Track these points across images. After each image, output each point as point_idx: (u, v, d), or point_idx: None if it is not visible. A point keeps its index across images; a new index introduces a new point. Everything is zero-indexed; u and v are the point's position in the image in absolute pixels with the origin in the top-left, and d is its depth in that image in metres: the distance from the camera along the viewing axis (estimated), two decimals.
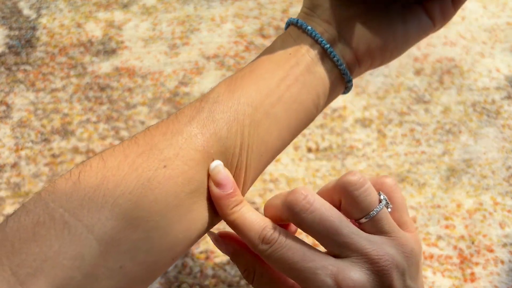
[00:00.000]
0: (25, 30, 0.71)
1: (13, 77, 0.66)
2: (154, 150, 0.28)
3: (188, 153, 0.29)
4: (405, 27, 0.34)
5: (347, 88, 0.36)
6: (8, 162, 0.59)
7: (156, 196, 0.27)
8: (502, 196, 0.57)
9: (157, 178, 0.27)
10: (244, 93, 0.32)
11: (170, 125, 0.30)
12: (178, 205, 0.28)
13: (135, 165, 0.28)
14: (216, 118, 0.31)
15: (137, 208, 0.27)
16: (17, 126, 0.62)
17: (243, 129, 0.31)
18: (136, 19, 0.73)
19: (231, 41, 0.70)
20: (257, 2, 0.75)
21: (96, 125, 0.62)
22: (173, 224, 0.28)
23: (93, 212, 0.26)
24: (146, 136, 0.30)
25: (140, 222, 0.27)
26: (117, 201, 0.26)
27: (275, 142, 0.32)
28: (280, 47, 0.34)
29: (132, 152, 0.28)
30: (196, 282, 0.51)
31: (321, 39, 0.33)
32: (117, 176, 0.27)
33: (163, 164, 0.28)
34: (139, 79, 0.66)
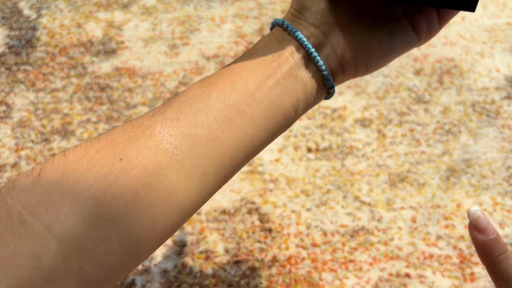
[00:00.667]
0: (26, 30, 0.71)
1: (13, 77, 0.66)
2: (112, 144, 0.28)
3: (144, 143, 0.28)
4: (391, 38, 0.34)
5: (329, 94, 0.35)
6: (8, 162, 0.59)
7: (113, 193, 0.26)
8: (501, 196, 0.57)
9: (113, 172, 0.27)
10: (217, 89, 0.31)
11: (134, 121, 0.30)
12: (136, 202, 0.27)
13: (93, 160, 0.27)
14: (181, 109, 0.30)
15: (96, 205, 0.26)
16: (17, 126, 0.62)
17: (211, 122, 0.30)
18: (136, 19, 0.73)
19: (231, 41, 0.70)
20: (257, 2, 0.75)
21: (96, 125, 0.62)
22: (133, 223, 0.27)
23: (52, 209, 0.25)
24: (109, 133, 0.29)
25: (99, 221, 0.26)
26: (76, 198, 0.25)
27: (249, 141, 0.32)
28: (263, 48, 0.33)
29: (92, 147, 0.28)
30: (196, 282, 0.51)
31: (306, 43, 0.32)
32: (76, 172, 0.26)
33: (119, 157, 0.27)
34: (139, 79, 0.66)
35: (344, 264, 0.53)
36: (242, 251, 0.53)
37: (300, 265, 0.52)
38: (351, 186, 0.58)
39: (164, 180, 0.28)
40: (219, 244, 0.54)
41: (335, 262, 0.53)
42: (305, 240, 0.54)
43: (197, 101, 0.30)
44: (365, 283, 0.52)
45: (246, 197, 0.57)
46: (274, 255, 0.53)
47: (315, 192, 0.57)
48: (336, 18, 0.33)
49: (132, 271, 0.30)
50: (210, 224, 0.55)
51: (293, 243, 0.54)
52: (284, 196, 0.57)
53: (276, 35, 0.34)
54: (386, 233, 0.55)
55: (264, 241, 0.54)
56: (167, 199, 0.28)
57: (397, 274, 0.52)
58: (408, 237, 0.54)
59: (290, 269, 0.52)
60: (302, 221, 0.55)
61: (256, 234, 0.54)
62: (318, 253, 0.53)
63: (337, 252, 0.53)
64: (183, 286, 0.51)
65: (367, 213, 0.56)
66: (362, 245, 0.54)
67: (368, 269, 0.52)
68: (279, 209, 0.56)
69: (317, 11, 0.33)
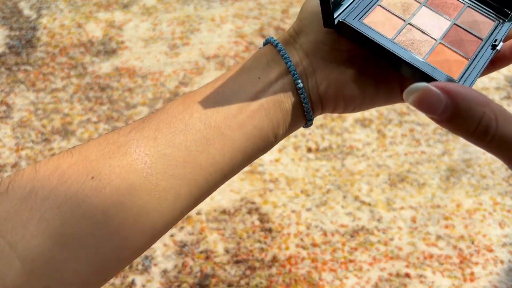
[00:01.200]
0: (26, 31, 0.71)
1: (14, 77, 0.66)
2: (85, 160, 0.27)
3: (118, 161, 0.27)
4: (376, 91, 0.33)
5: (307, 125, 0.35)
6: (9, 162, 0.59)
7: (83, 212, 0.25)
8: (501, 196, 0.57)
9: (84, 190, 0.26)
10: (199, 109, 0.30)
11: (109, 136, 0.28)
12: (106, 222, 0.26)
13: (65, 176, 0.26)
14: (159, 127, 0.28)
15: (65, 224, 0.25)
16: (17, 126, 0.62)
17: (189, 143, 0.29)
18: (136, 19, 0.73)
19: (231, 41, 0.70)
20: (257, 3, 0.75)
21: (97, 125, 0.62)
22: (101, 243, 0.26)
23: (18, 227, 0.24)
24: (82, 147, 0.28)
25: (67, 240, 0.25)
26: (44, 216, 0.25)
27: (227, 163, 0.31)
28: (250, 67, 0.33)
29: (64, 162, 0.27)
30: (196, 281, 0.51)
31: (294, 72, 0.32)
32: (46, 188, 0.25)
33: (91, 175, 0.26)
34: (139, 79, 0.66)
35: (344, 264, 0.53)
36: (242, 251, 0.53)
37: (300, 265, 0.52)
38: (351, 186, 0.58)
39: (136, 201, 0.27)
40: (219, 244, 0.54)
41: (335, 262, 0.53)
42: (305, 240, 0.54)
43: (177, 119, 0.29)
44: (365, 283, 0.52)
45: (246, 197, 0.57)
46: (274, 255, 0.53)
47: (315, 192, 0.57)
48: (330, 54, 0.32)
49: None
50: (210, 224, 0.55)
51: (293, 243, 0.54)
52: (284, 196, 0.57)
53: (267, 54, 0.33)
54: (386, 233, 0.55)
55: (264, 241, 0.54)
56: (138, 220, 0.27)
57: (397, 274, 0.52)
58: (408, 237, 0.54)
59: (290, 269, 0.52)
60: (302, 221, 0.55)
61: (256, 234, 0.54)
62: (318, 253, 0.53)
63: (337, 252, 0.53)
64: (183, 286, 0.51)
65: (367, 213, 0.56)
66: (362, 245, 0.54)
67: (368, 269, 0.52)
68: (279, 209, 0.56)
69: (313, 41, 0.32)
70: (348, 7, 0.30)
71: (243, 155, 0.31)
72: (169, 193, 0.29)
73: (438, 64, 0.31)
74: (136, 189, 0.27)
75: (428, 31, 0.32)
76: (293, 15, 0.74)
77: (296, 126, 0.34)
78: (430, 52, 0.31)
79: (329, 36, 0.32)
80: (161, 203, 0.28)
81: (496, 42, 0.31)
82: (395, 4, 0.33)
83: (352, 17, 0.30)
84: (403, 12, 0.32)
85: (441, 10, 0.33)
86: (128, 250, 0.28)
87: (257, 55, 0.33)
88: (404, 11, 0.33)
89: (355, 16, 0.30)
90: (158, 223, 0.28)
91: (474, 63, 0.31)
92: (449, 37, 0.32)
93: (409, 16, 0.32)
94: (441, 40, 0.31)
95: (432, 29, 0.32)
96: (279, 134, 0.33)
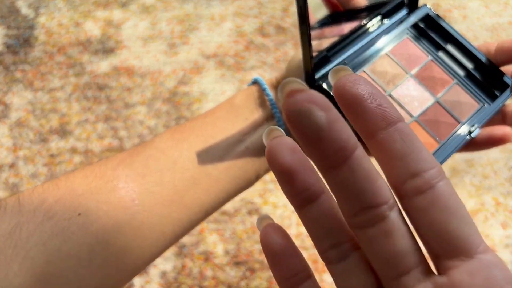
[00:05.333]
0: (23, 29, 0.71)
1: (11, 76, 0.66)
2: (72, 195, 0.26)
3: (105, 197, 0.26)
4: None
5: None
6: (6, 162, 0.58)
7: (69, 250, 0.25)
8: (504, 196, 0.57)
9: (71, 228, 0.25)
10: (189, 146, 0.30)
11: (97, 168, 0.28)
12: (90, 260, 0.26)
13: (51, 212, 0.25)
14: (148, 164, 0.28)
15: (49, 263, 0.24)
16: (15, 125, 0.61)
17: (177, 182, 0.29)
18: (135, 18, 0.72)
19: (231, 40, 0.70)
20: (257, 1, 0.74)
21: (95, 125, 0.61)
22: (84, 281, 0.26)
23: (1, 266, 0.23)
24: (68, 179, 0.27)
25: (50, 278, 0.24)
26: (28, 254, 0.24)
27: (211, 203, 0.31)
28: (239, 106, 0.33)
29: (50, 195, 0.26)
30: (195, 283, 0.51)
31: (279, 118, 0.32)
32: (31, 224, 0.24)
33: (78, 211, 0.26)
34: (138, 78, 0.66)
35: None
36: (242, 252, 0.53)
37: None
38: None
39: (121, 238, 0.27)
40: (218, 245, 0.53)
41: None
42: (305, 241, 0.54)
43: (166, 156, 0.29)
44: None
45: (246, 197, 0.56)
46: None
47: None
48: None
49: None
50: (209, 225, 0.55)
51: None
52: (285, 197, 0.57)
53: (255, 95, 0.33)
54: None
55: None
56: (121, 257, 0.27)
57: None
58: None
59: None
60: None
61: (256, 235, 0.54)
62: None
63: None
64: (182, 287, 0.51)
65: None
66: None
67: None
68: (280, 210, 0.56)
69: None
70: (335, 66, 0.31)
71: (225, 194, 0.32)
72: (153, 231, 0.28)
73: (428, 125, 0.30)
74: (122, 226, 0.27)
75: (407, 106, 0.31)
76: (293, 14, 0.74)
77: None
78: (424, 111, 0.31)
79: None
80: (144, 241, 0.28)
81: (473, 127, 0.30)
82: (382, 72, 0.32)
83: None
84: (386, 83, 0.31)
85: (427, 85, 0.32)
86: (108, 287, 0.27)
87: (246, 93, 0.34)
88: (389, 82, 0.32)
89: None
90: (139, 260, 0.28)
91: (444, 146, 0.30)
92: (427, 115, 0.31)
93: (392, 87, 0.31)
94: (417, 118, 0.31)
95: (412, 104, 0.31)
96: (260, 175, 0.33)
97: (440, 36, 0.33)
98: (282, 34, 0.70)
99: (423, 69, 0.32)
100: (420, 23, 0.33)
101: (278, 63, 0.67)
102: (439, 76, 0.33)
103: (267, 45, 0.69)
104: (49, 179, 0.57)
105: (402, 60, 0.32)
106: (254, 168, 0.32)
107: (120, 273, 0.28)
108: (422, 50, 0.33)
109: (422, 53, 0.33)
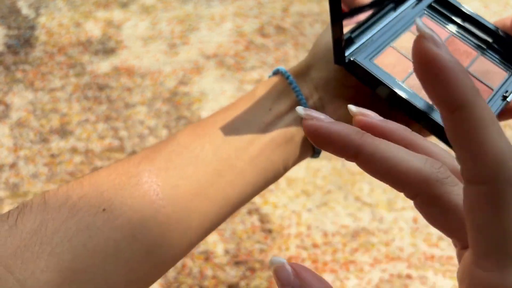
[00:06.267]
0: (24, 30, 0.71)
1: (12, 76, 0.66)
2: (96, 192, 0.26)
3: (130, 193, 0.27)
4: None
5: (314, 156, 0.35)
6: (7, 162, 0.58)
7: (95, 245, 0.25)
8: None
9: (96, 223, 0.25)
10: (211, 140, 0.29)
11: (119, 166, 0.28)
12: (117, 256, 0.26)
13: (75, 208, 0.25)
14: (171, 158, 0.28)
15: (76, 259, 0.24)
16: (15, 126, 0.61)
17: (200, 176, 0.28)
18: (135, 18, 0.72)
19: (231, 40, 0.70)
20: (257, 1, 0.74)
21: (95, 125, 0.61)
22: (111, 277, 0.25)
23: (28, 263, 0.23)
24: (92, 177, 0.27)
25: (76, 274, 0.24)
26: (54, 250, 0.24)
27: (237, 196, 0.30)
28: (262, 97, 0.32)
29: (74, 193, 0.26)
30: (195, 282, 0.51)
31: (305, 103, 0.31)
32: (56, 221, 0.25)
33: (103, 207, 0.26)
34: (138, 78, 0.66)
35: (345, 265, 0.52)
36: (242, 252, 0.53)
37: None
38: (352, 186, 0.57)
39: (147, 233, 0.27)
40: (218, 245, 0.53)
41: (336, 263, 0.52)
42: (305, 240, 0.54)
43: (188, 151, 0.29)
44: (366, 284, 0.51)
45: None
46: (274, 256, 0.53)
47: (316, 192, 0.57)
48: (339, 90, 0.32)
49: None
50: None
51: (294, 244, 0.53)
52: (285, 197, 0.57)
53: (277, 84, 0.33)
54: (387, 233, 0.54)
55: (264, 242, 0.54)
56: (149, 252, 0.27)
57: (398, 275, 0.52)
58: (410, 238, 0.54)
59: None
60: (303, 221, 0.55)
61: (256, 234, 0.54)
62: (319, 253, 0.53)
63: (337, 253, 0.53)
64: (183, 287, 0.51)
65: (368, 213, 0.56)
66: (363, 245, 0.54)
67: (369, 270, 0.52)
68: (280, 210, 0.56)
69: (324, 77, 0.32)
70: (360, 46, 0.30)
71: (253, 187, 0.31)
72: (180, 225, 0.28)
73: None
74: (148, 221, 0.27)
75: None
76: (294, 14, 0.74)
77: (305, 157, 0.34)
78: None
79: (338, 73, 0.32)
80: (171, 235, 0.28)
81: (506, 93, 0.31)
82: (409, 47, 0.32)
83: (363, 57, 0.30)
84: None
85: None
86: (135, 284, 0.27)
87: (267, 84, 0.33)
88: None
89: (366, 55, 0.30)
90: (168, 256, 0.28)
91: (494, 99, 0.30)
92: None
93: None
94: None
95: None
96: (288, 166, 0.33)
97: (456, 14, 0.34)
98: (282, 34, 0.70)
99: (447, 43, 0.33)
100: (434, 4, 0.34)
101: (278, 63, 0.68)
102: (463, 49, 0.33)
103: (267, 45, 0.70)
104: (50, 179, 0.57)
105: None
106: (282, 158, 0.31)
107: (148, 270, 0.27)
108: (441, 27, 0.34)
109: (443, 29, 0.34)
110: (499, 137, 0.15)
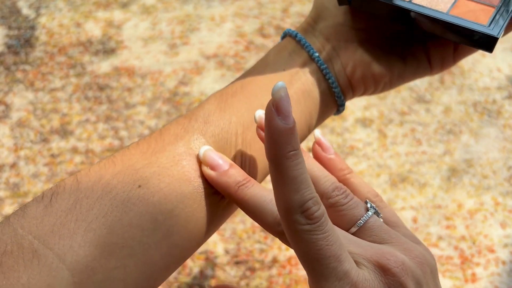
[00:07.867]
0: (24, 30, 0.71)
1: (12, 76, 0.66)
2: (130, 169, 0.27)
3: (168, 171, 0.27)
4: (403, 65, 0.33)
5: (339, 111, 0.35)
6: (7, 162, 0.58)
7: (131, 220, 0.25)
8: (503, 196, 0.57)
9: (131, 199, 0.26)
10: (235, 111, 0.30)
11: (152, 143, 0.28)
12: (155, 229, 0.26)
13: (109, 186, 0.26)
14: (205, 139, 0.29)
15: (112, 233, 0.25)
16: (16, 126, 0.62)
17: (233, 150, 0.29)
18: (136, 19, 0.73)
19: (231, 41, 0.70)
20: (257, 2, 0.75)
21: (96, 125, 0.62)
22: (149, 250, 0.26)
23: (65, 239, 0.24)
24: (124, 155, 0.28)
25: (114, 248, 0.25)
26: (90, 226, 0.25)
27: (264, 166, 0.31)
28: (274, 61, 0.32)
29: (107, 172, 0.26)
30: (195, 282, 0.51)
31: (318, 58, 0.31)
32: (90, 199, 0.25)
33: (138, 183, 0.26)
34: (138, 78, 0.66)
35: None
36: (242, 251, 0.53)
37: (301, 266, 0.52)
38: None
39: (186, 209, 0.27)
40: (219, 245, 0.53)
41: None
42: None
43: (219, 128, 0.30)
44: None
45: None
46: (274, 256, 0.53)
47: None
48: (350, 34, 0.32)
49: None
50: None
51: None
52: None
53: (287, 46, 0.33)
54: None
55: (264, 242, 0.54)
56: (187, 226, 0.27)
57: None
58: None
59: (291, 270, 0.52)
60: None
61: (256, 234, 0.54)
62: None
63: None
64: (183, 287, 0.51)
65: None
66: None
67: None
68: None
69: (332, 24, 0.32)
70: None
71: None
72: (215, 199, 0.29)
73: (462, 15, 0.29)
74: (187, 197, 0.27)
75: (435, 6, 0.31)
76: (294, 14, 0.74)
77: (328, 113, 0.34)
78: (451, 7, 0.30)
79: (346, 17, 0.32)
80: (209, 209, 0.28)
81: None
82: None
83: None
84: None
85: None
86: (175, 257, 0.28)
87: (277, 48, 0.33)
88: None
89: None
90: (203, 229, 0.29)
91: (501, 11, 0.30)
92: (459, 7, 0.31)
93: None
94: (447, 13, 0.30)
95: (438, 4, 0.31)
96: (312, 125, 0.33)
97: None
98: None
99: None
100: None
101: None
102: None
103: (267, 46, 0.70)
104: (50, 179, 0.57)
105: None
106: (304, 118, 0.32)
107: (188, 242, 0.28)
108: None
109: None
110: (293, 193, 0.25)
